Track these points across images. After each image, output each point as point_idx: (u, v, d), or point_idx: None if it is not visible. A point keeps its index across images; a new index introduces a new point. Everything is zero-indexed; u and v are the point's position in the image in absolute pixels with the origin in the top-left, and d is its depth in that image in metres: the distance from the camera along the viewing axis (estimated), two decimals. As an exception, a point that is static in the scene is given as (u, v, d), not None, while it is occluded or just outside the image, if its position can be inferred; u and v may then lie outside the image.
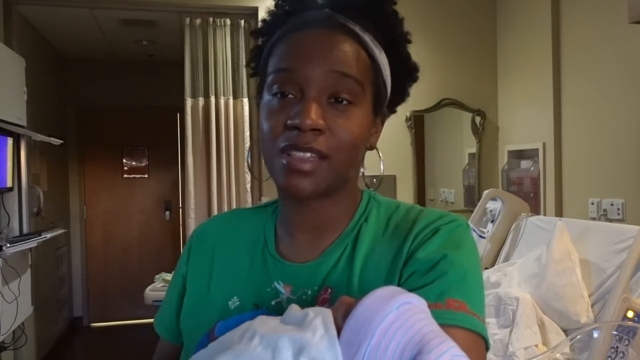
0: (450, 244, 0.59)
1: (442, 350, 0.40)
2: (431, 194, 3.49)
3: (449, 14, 3.42)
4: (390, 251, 0.61)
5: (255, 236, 0.69)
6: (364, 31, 0.62)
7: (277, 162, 0.59)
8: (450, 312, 0.53)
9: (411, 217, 0.64)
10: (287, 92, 0.59)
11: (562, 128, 2.92)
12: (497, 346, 1.86)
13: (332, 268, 0.62)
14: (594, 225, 2.07)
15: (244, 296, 0.64)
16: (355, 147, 0.61)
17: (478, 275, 0.59)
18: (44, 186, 3.81)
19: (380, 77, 0.63)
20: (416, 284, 0.55)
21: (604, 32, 2.60)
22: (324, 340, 0.45)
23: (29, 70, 2.98)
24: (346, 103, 0.59)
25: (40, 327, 3.59)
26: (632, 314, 1.62)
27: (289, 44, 0.60)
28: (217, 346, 0.52)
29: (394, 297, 0.45)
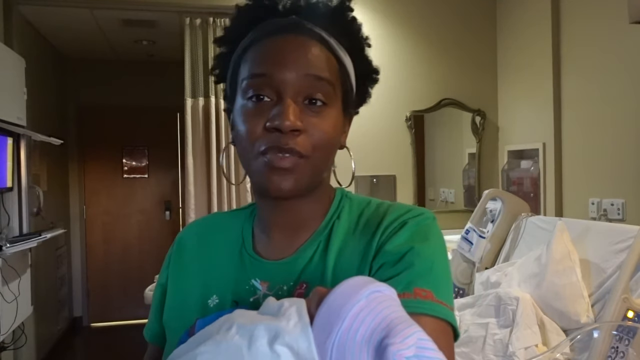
0: (417, 237, 0.62)
1: (407, 334, 0.42)
2: (431, 194, 3.49)
3: (449, 14, 3.42)
4: (361, 245, 0.64)
5: (233, 237, 0.72)
6: (330, 36, 0.65)
7: (257, 162, 0.61)
8: (417, 301, 0.55)
9: (380, 212, 0.67)
10: (263, 96, 0.61)
11: (562, 128, 2.92)
12: (497, 346, 1.86)
13: (307, 264, 0.65)
14: (594, 225, 2.07)
15: (223, 294, 0.67)
16: (331, 145, 0.64)
17: (445, 265, 0.62)
18: (44, 186, 3.81)
19: (347, 80, 0.67)
20: (385, 275, 0.58)
21: (604, 32, 2.60)
22: (297, 327, 0.47)
23: (29, 70, 2.98)
24: (320, 104, 0.61)
25: (40, 327, 3.59)
26: (632, 314, 1.62)
27: (262, 49, 0.63)
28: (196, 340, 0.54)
29: (365, 286, 0.47)
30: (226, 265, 0.69)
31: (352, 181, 0.75)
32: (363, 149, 3.26)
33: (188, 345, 0.54)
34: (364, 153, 3.26)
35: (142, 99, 4.87)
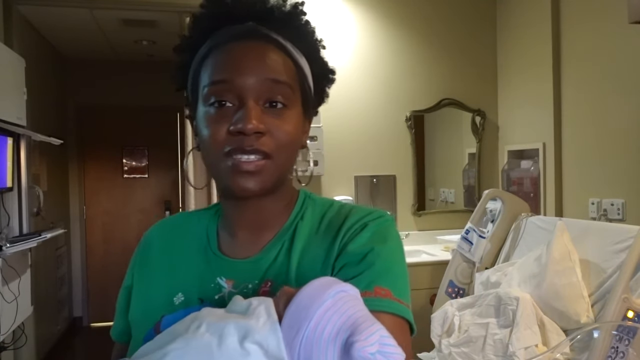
0: (377, 238, 0.65)
1: (371, 331, 0.45)
2: (431, 194, 3.49)
3: (449, 14, 3.42)
4: (324, 245, 0.67)
5: (198, 236, 0.74)
6: (286, 41, 0.67)
7: (222, 165, 0.63)
8: (377, 299, 0.59)
9: (342, 214, 0.70)
10: (225, 102, 0.63)
11: (562, 128, 2.92)
12: (497, 346, 1.86)
13: (272, 263, 0.67)
14: (594, 225, 2.07)
15: (189, 292, 0.69)
16: (293, 145, 0.66)
17: (402, 265, 0.66)
18: (44, 186, 3.81)
19: (305, 81, 0.69)
20: (348, 275, 0.61)
21: (604, 32, 2.60)
22: (266, 325, 0.49)
23: (29, 70, 2.98)
24: (281, 107, 0.64)
25: (40, 327, 3.59)
26: (632, 314, 1.62)
27: (221, 56, 0.65)
28: (164, 337, 0.54)
29: (331, 286, 0.49)
30: (191, 263, 0.71)
31: (310, 181, 0.77)
32: (363, 149, 3.26)
33: (155, 342, 0.55)
34: (364, 153, 3.26)
35: (142, 99, 4.87)
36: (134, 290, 0.75)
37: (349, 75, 3.24)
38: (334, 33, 3.23)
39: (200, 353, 0.49)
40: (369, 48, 3.29)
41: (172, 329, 0.55)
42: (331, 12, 3.23)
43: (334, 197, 3.14)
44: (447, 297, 2.38)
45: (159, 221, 0.82)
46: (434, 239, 3.25)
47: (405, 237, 3.24)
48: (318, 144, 3.04)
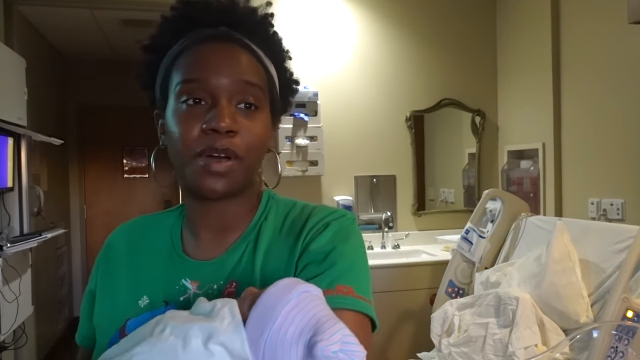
0: (339, 237, 0.66)
1: (333, 331, 0.46)
2: (431, 194, 3.49)
3: (449, 14, 3.42)
4: (288, 245, 0.68)
5: (162, 238, 0.74)
6: (257, 47, 0.69)
7: (193, 165, 0.63)
8: (340, 297, 0.60)
9: (305, 214, 0.71)
10: (198, 100, 0.63)
11: (562, 128, 2.92)
12: (497, 346, 1.86)
13: (236, 264, 0.68)
14: (593, 225, 2.08)
15: (154, 295, 0.69)
16: (262, 147, 0.67)
17: (364, 263, 0.67)
18: (44, 186, 3.81)
19: (274, 88, 0.71)
20: (311, 274, 0.62)
21: (604, 32, 2.60)
22: (230, 326, 0.50)
23: (29, 70, 2.98)
24: (253, 108, 0.65)
25: (41, 327, 3.59)
26: (632, 313, 1.63)
27: (195, 56, 0.65)
28: (129, 341, 0.55)
29: (294, 287, 0.50)
30: (156, 266, 0.71)
31: (278, 183, 0.78)
32: (363, 149, 3.26)
33: (120, 346, 0.55)
34: (364, 153, 3.26)
35: (142, 99, 4.82)
36: (98, 294, 0.74)
37: (349, 75, 3.24)
38: (334, 33, 3.23)
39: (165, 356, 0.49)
40: (369, 48, 3.29)
41: (136, 333, 0.55)
42: (331, 12, 3.23)
43: (334, 197, 3.15)
44: (447, 297, 2.39)
45: (121, 224, 0.82)
46: (434, 239, 3.25)
47: (405, 237, 3.25)
48: (318, 144, 3.04)
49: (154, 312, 0.65)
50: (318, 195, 3.13)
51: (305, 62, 3.15)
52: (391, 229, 3.26)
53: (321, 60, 3.20)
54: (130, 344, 0.53)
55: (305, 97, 3.04)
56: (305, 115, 3.03)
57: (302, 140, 3.00)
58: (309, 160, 3.03)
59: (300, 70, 3.14)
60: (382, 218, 3.21)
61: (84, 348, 0.80)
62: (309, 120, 3.04)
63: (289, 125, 3.01)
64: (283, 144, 3.00)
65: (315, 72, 3.17)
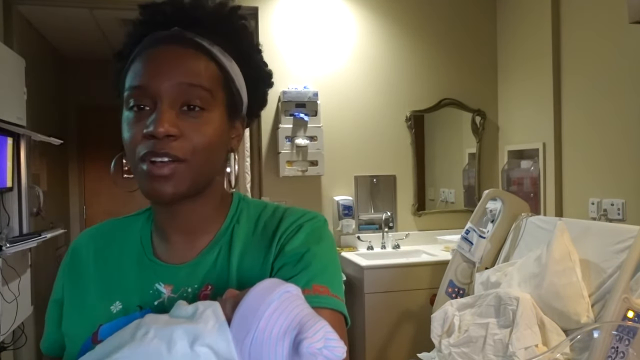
0: (312, 239, 0.68)
1: (317, 329, 0.49)
2: (431, 194, 3.49)
3: (449, 14, 3.42)
4: (262, 247, 0.69)
5: (131, 243, 0.74)
6: (212, 44, 0.67)
7: (139, 169, 0.64)
8: (316, 296, 0.62)
9: (277, 216, 0.72)
10: (142, 106, 0.64)
11: (562, 128, 2.92)
12: (497, 346, 1.86)
13: (211, 267, 0.69)
14: (594, 225, 2.07)
15: (127, 300, 0.68)
16: (212, 149, 0.65)
17: (336, 263, 0.69)
18: (44, 186, 3.81)
19: (231, 85, 0.69)
20: (287, 275, 0.64)
21: (604, 32, 2.60)
22: (215, 328, 0.51)
23: (29, 70, 2.98)
24: (198, 109, 0.64)
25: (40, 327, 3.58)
26: (633, 314, 1.62)
27: (141, 61, 0.65)
28: (106, 346, 0.55)
29: (276, 288, 0.52)
30: (127, 271, 0.71)
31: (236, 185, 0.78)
32: (363, 149, 3.26)
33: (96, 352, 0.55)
34: (364, 153, 3.26)
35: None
36: (67, 302, 0.73)
37: (349, 75, 3.24)
38: (334, 33, 3.23)
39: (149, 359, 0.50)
40: (369, 48, 3.29)
41: (115, 337, 0.55)
42: (331, 12, 3.23)
43: (334, 197, 3.15)
44: (447, 297, 2.38)
45: (86, 230, 0.81)
46: (434, 239, 3.25)
47: (405, 237, 3.25)
48: (318, 144, 3.04)
49: (130, 317, 0.65)
50: (318, 195, 3.12)
51: (305, 62, 3.15)
52: (391, 229, 3.25)
53: (321, 60, 3.20)
54: (109, 349, 0.53)
55: (305, 97, 3.04)
56: (305, 115, 3.03)
57: (302, 140, 3.00)
58: (309, 160, 3.03)
59: (300, 70, 3.14)
60: (382, 218, 3.21)
61: (49, 357, 0.79)
62: (309, 120, 3.04)
63: (289, 125, 3.01)
64: (283, 144, 3.00)
65: (315, 72, 3.17)
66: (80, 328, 0.68)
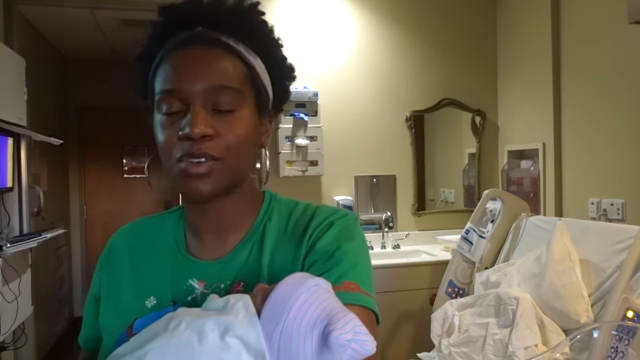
0: (343, 236, 0.68)
1: (346, 320, 0.49)
2: (431, 194, 3.49)
3: (449, 14, 3.42)
4: (293, 244, 0.70)
5: (165, 239, 0.75)
6: (237, 42, 0.68)
7: (175, 170, 0.64)
8: (347, 293, 0.62)
9: (308, 214, 0.73)
10: (174, 109, 0.65)
11: (562, 128, 2.92)
12: (497, 346, 1.86)
13: (243, 264, 0.70)
14: (593, 225, 2.07)
15: (160, 295, 0.70)
16: (244, 146, 0.67)
17: (367, 260, 0.69)
18: (44, 186, 3.81)
19: (258, 82, 0.70)
20: (317, 271, 0.64)
21: (603, 31, 2.60)
22: (246, 319, 0.52)
23: (29, 70, 2.98)
24: (229, 110, 0.65)
25: (41, 327, 3.59)
26: (632, 313, 1.62)
27: (169, 65, 0.66)
28: (140, 338, 0.56)
29: (305, 281, 0.53)
30: (161, 267, 0.72)
31: (267, 181, 0.80)
32: (363, 149, 3.26)
33: (131, 344, 0.56)
34: (364, 153, 3.26)
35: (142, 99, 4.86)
36: (103, 297, 0.75)
37: (349, 75, 3.24)
38: (333, 33, 3.23)
39: (181, 350, 0.50)
40: (368, 48, 3.29)
41: (149, 329, 0.56)
42: (331, 12, 3.23)
43: (334, 197, 3.15)
44: (447, 297, 2.38)
45: (121, 228, 0.82)
46: (434, 239, 3.25)
47: (405, 237, 3.25)
48: (318, 144, 3.04)
49: (162, 311, 0.66)
50: (318, 195, 3.12)
51: (305, 62, 3.15)
52: (391, 229, 3.25)
53: (321, 60, 3.20)
54: (143, 340, 0.54)
55: (305, 97, 3.04)
56: (305, 115, 3.03)
57: (302, 140, 3.00)
58: (309, 160, 3.03)
59: (300, 70, 3.14)
60: (382, 218, 3.21)
61: (86, 351, 0.81)
62: (309, 120, 3.04)
63: (289, 125, 3.01)
64: (283, 144, 3.00)
65: (315, 72, 3.17)
66: (116, 322, 0.70)
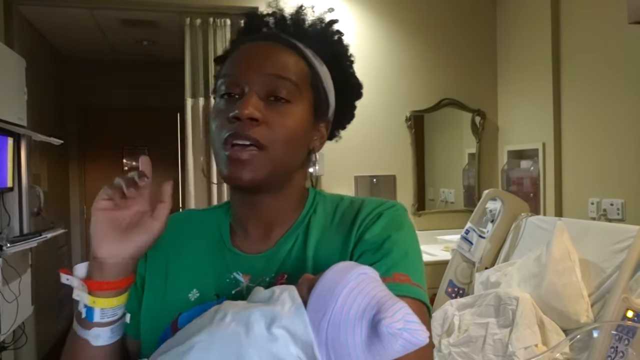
0: (392, 226, 0.67)
1: (396, 309, 0.47)
2: (431, 194, 3.49)
3: (449, 14, 3.42)
4: (340, 237, 0.68)
5: (210, 232, 0.75)
6: (306, 47, 0.71)
7: (221, 154, 0.65)
8: (397, 284, 0.60)
9: (356, 206, 0.72)
10: (231, 93, 0.66)
11: (562, 128, 2.92)
12: (497, 346, 1.86)
13: (286, 256, 0.69)
14: (593, 225, 2.08)
15: (204, 288, 0.69)
16: (291, 140, 0.66)
17: (418, 251, 0.68)
18: (44, 186, 3.81)
19: (319, 85, 0.71)
20: (366, 262, 0.61)
21: (604, 32, 2.60)
22: (292, 310, 0.51)
23: (29, 70, 2.98)
24: (283, 101, 0.66)
25: (41, 327, 3.59)
26: (632, 313, 1.63)
27: (235, 54, 0.69)
28: (186, 331, 0.55)
29: (352, 269, 0.52)
30: (205, 259, 0.72)
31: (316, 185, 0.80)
32: (363, 149, 3.26)
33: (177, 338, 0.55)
34: (364, 153, 3.26)
35: (142, 99, 4.87)
36: (147, 286, 0.73)
37: (349, 75, 3.24)
38: (334, 33, 3.23)
39: (227, 342, 0.50)
40: (368, 48, 3.29)
41: (194, 323, 0.56)
42: (331, 12, 3.23)
43: (334, 197, 3.15)
44: (447, 297, 2.38)
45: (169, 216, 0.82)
46: (434, 239, 3.25)
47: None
48: (318, 144, 3.04)
49: (205, 306, 0.65)
50: (318, 195, 3.12)
51: (305, 62, 3.15)
52: (391, 229, 3.25)
53: (321, 60, 3.20)
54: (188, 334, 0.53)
55: (305, 97, 3.04)
56: (305, 115, 3.03)
57: (302, 140, 3.00)
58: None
59: (300, 70, 3.14)
60: (382, 218, 3.21)
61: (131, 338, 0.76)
62: (309, 120, 3.04)
63: (289, 125, 3.01)
64: (283, 144, 3.00)
65: (315, 72, 3.17)
66: (160, 313, 0.70)
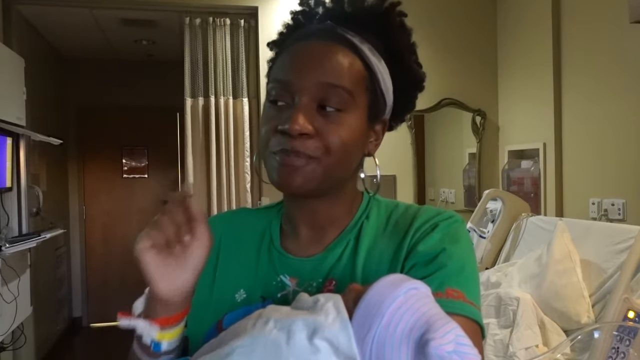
0: (448, 239, 0.63)
1: (447, 329, 0.44)
2: (431, 194, 3.49)
3: (450, 14, 3.42)
4: (392, 245, 0.65)
5: (261, 233, 0.73)
6: (363, 42, 0.66)
7: (271, 161, 0.63)
8: (449, 301, 0.57)
9: (410, 214, 0.68)
10: (280, 100, 0.64)
11: (562, 128, 2.92)
12: (497, 346, 1.86)
13: (336, 262, 0.66)
14: (594, 225, 2.07)
15: (251, 289, 0.68)
16: (346, 150, 0.64)
17: (474, 267, 0.64)
18: (44, 186, 3.81)
19: (377, 86, 0.67)
20: (418, 275, 0.58)
21: (604, 31, 2.60)
22: (336, 322, 0.48)
23: (28, 70, 2.98)
24: (335, 110, 0.62)
25: (40, 328, 3.59)
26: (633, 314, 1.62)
27: (288, 55, 0.65)
28: (228, 334, 0.54)
29: (402, 283, 0.48)
30: (253, 260, 0.70)
31: (378, 189, 0.76)
32: (363, 149, 3.25)
33: (219, 340, 0.54)
34: (364, 153, 3.25)
35: (142, 99, 4.86)
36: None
37: (349, 75, 3.24)
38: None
39: (268, 349, 0.48)
40: (369, 48, 3.29)
41: (237, 326, 0.54)
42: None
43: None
44: (447, 297, 2.38)
45: (220, 213, 0.81)
46: (434, 239, 3.25)
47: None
48: (318, 144, 3.03)
49: (250, 308, 0.64)
50: (318, 195, 3.12)
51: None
52: (391, 229, 3.25)
53: (321, 60, 3.19)
54: (230, 337, 0.52)
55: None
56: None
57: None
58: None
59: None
60: (382, 218, 3.21)
61: None
62: (308, 120, 3.03)
63: (289, 125, 3.00)
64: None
65: (315, 72, 3.16)
66: (206, 311, 0.68)
